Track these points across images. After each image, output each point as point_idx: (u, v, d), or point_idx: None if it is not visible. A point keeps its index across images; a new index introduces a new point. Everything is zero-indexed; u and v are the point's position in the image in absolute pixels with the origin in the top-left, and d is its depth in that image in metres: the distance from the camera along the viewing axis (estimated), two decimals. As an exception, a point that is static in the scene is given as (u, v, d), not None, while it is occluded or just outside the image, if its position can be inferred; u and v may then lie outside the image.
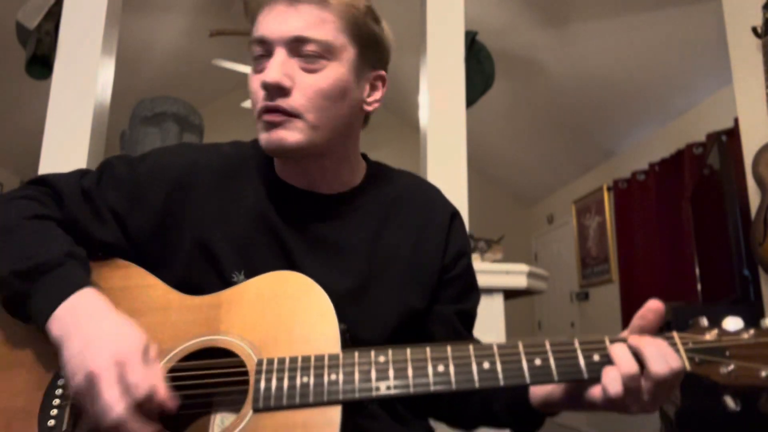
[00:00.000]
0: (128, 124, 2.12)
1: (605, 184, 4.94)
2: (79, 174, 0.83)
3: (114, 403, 0.60)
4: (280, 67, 0.73)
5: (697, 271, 3.26)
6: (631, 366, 0.62)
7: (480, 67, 2.40)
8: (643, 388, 0.62)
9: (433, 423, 0.89)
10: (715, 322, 0.66)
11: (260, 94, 0.74)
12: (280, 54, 0.74)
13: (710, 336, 0.65)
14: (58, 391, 0.69)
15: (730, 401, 0.62)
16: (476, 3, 3.49)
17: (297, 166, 0.82)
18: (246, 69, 3.95)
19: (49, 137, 1.75)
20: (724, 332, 0.65)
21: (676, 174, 3.92)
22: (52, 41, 1.98)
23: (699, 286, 3.17)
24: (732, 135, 3.08)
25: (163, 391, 0.63)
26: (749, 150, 2.32)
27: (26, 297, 0.68)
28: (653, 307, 0.67)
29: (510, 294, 1.77)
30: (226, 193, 0.81)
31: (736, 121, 2.61)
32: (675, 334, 0.66)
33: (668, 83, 3.82)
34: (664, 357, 0.62)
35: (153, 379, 0.62)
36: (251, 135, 0.85)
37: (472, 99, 2.31)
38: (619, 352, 0.64)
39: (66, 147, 1.74)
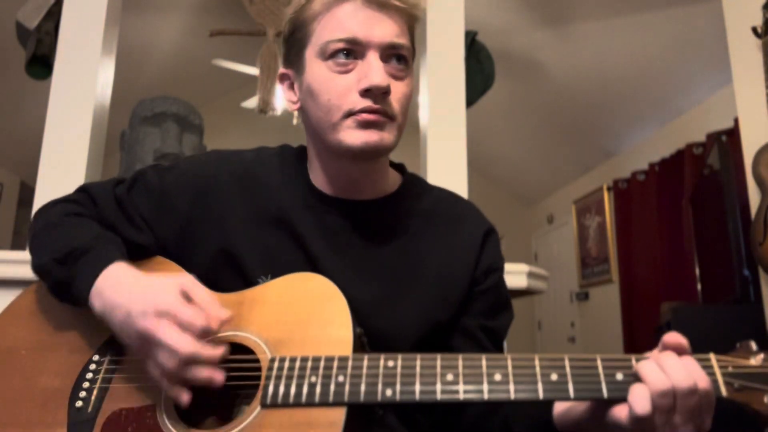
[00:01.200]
0: (128, 124, 2.11)
1: (605, 184, 4.94)
2: (115, 182, 0.88)
3: (178, 341, 0.63)
4: (384, 71, 0.74)
5: (697, 271, 3.26)
6: (661, 381, 0.56)
7: (480, 67, 2.40)
8: (676, 407, 0.57)
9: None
10: (765, 347, 0.60)
11: (351, 95, 0.74)
12: (376, 58, 0.74)
13: (755, 361, 0.59)
14: (89, 375, 0.73)
15: None
16: (476, 3, 3.49)
17: (348, 172, 0.81)
18: (246, 69, 3.94)
19: (49, 137, 1.74)
20: None
21: (676, 174, 3.92)
22: (52, 41, 1.98)
23: (699, 286, 3.17)
24: (732, 135, 3.08)
25: (216, 316, 0.66)
26: (749, 150, 2.31)
27: (68, 282, 0.74)
28: (670, 341, 0.60)
29: (510, 294, 1.77)
30: (249, 198, 0.82)
31: (736, 121, 2.61)
32: (712, 356, 0.60)
33: (668, 83, 3.82)
34: (689, 373, 0.57)
35: (204, 311, 0.66)
36: (251, 135, 0.86)
37: (472, 99, 2.31)
38: (647, 367, 0.58)
39: (66, 147, 1.74)
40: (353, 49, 0.74)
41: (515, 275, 1.68)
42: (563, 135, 4.99)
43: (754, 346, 0.60)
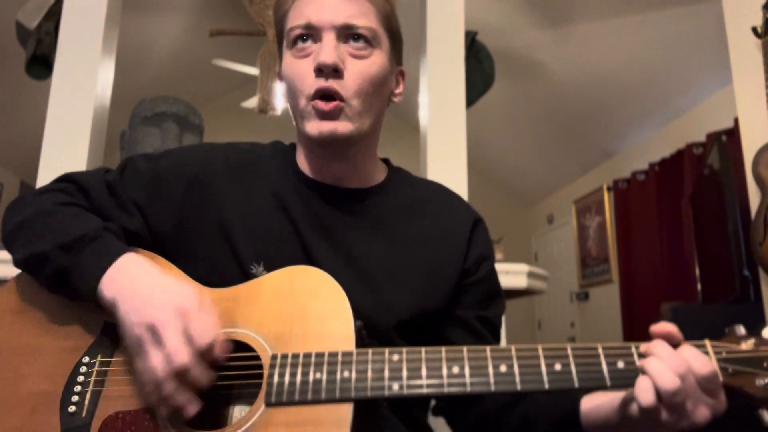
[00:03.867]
0: (128, 124, 2.11)
1: (605, 184, 4.94)
2: (103, 170, 0.85)
3: (179, 349, 0.61)
4: (333, 50, 0.75)
5: (697, 271, 3.25)
6: (667, 375, 0.58)
7: (480, 67, 2.40)
8: (687, 394, 0.59)
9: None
10: (754, 331, 0.63)
11: (309, 78, 0.76)
12: (330, 38, 0.76)
13: (746, 345, 0.62)
14: (80, 378, 0.70)
15: (766, 415, 0.59)
16: (476, 3, 3.49)
17: (326, 159, 0.82)
18: (246, 69, 3.94)
19: (49, 137, 1.75)
20: (762, 341, 0.62)
21: (676, 174, 3.92)
22: (52, 41, 1.99)
23: (699, 286, 3.17)
24: (732, 135, 3.08)
25: (220, 341, 0.65)
26: (749, 150, 2.31)
27: (70, 269, 0.70)
28: (657, 330, 0.63)
29: (510, 294, 1.77)
30: (243, 186, 0.83)
31: (736, 121, 2.61)
32: (707, 342, 0.63)
33: (668, 83, 3.82)
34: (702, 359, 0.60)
35: (213, 330, 0.64)
36: (251, 135, 0.86)
37: (472, 99, 2.31)
38: (651, 363, 0.61)
39: (66, 147, 1.74)
40: (310, 34, 0.77)
41: (515, 275, 1.68)
42: (563, 135, 4.99)
43: (742, 330, 0.63)
